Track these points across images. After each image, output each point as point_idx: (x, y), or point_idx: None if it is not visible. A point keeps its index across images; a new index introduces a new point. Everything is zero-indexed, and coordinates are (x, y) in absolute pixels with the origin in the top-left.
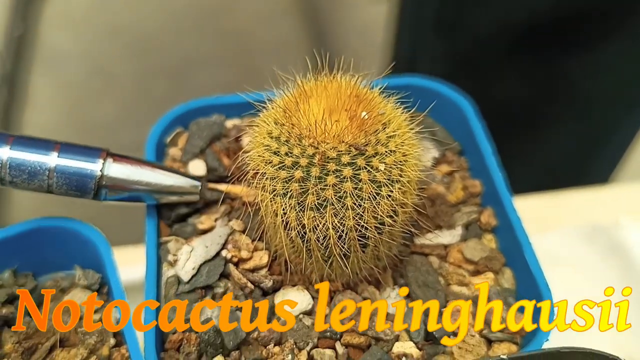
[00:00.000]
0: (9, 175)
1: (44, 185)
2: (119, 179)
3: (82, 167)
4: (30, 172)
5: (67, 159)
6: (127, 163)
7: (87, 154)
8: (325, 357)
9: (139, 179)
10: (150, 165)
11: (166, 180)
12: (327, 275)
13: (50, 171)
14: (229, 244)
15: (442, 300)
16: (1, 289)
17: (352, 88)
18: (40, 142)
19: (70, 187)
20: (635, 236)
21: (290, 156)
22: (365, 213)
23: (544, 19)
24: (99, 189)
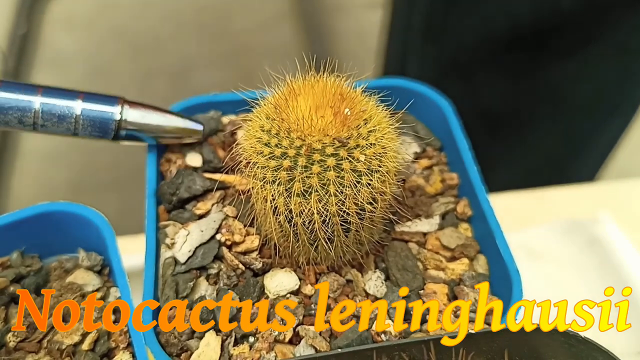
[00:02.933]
0: (41, 119)
1: (71, 128)
2: (134, 122)
3: (104, 110)
4: (60, 116)
5: (91, 104)
6: (141, 108)
7: (107, 101)
8: (309, 333)
9: (152, 121)
10: (160, 110)
11: (174, 122)
12: (313, 258)
13: (77, 115)
14: (222, 229)
15: (420, 283)
16: (10, 269)
17: (336, 87)
18: (66, 92)
19: (93, 129)
20: (613, 231)
21: (280, 147)
22: (347, 199)
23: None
24: (118, 131)
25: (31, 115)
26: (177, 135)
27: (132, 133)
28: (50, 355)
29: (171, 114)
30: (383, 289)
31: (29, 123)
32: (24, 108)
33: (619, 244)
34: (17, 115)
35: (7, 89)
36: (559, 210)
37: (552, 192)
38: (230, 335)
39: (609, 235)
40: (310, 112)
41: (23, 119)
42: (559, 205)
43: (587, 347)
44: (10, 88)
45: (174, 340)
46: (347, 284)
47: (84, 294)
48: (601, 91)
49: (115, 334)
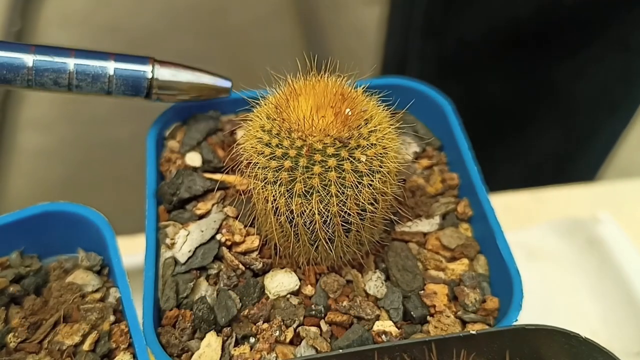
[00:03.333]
0: (75, 79)
1: (105, 87)
2: (165, 80)
3: (136, 69)
4: (94, 75)
5: (123, 64)
6: (171, 66)
7: (138, 61)
8: (310, 333)
9: (182, 79)
10: (189, 68)
11: (204, 79)
12: (314, 258)
13: (110, 75)
14: (223, 229)
15: (420, 283)
16: (9, 269)
17: (337, 87)
18: (98, 53)
19: (127, 88)
20: (613, 231)
21: (281, 147)
22: (348, 200)
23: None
24: (150, 89)
25: (66, 77)
26: (206, 93)
27: (164, 91)
28: (51, 355)
29: (200, 71)
30: (383, 289)
31: (64, 84)
32: (59, 69)
33: (619, 244)
34: (53, 76)
35: (41, 52)
36: (558, 210)
37: (552, 192)
38: (231, 335)
39: (609, 235)
40: (311, 112)
41: (58, 80)
42: (559, 205)
43: (587, 348)
44: (45, 51)
45: (174, 341)
46: (347, 284)
47: (84, 294)
48: (601, 90)
49: (116, 335)
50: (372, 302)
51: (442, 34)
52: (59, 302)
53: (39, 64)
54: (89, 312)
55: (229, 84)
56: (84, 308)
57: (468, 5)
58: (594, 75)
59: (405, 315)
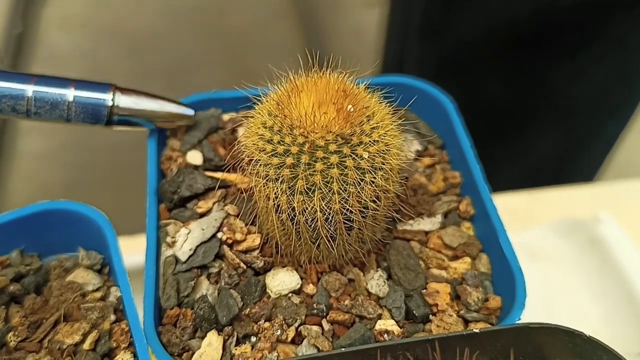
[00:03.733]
0: (34, 107)
1: (64, 114)
2: (127, 108)
3: (96, 97)
4: (52, 103)
5: (83, 91)
6: (133, 94)
7: (99, 88)
8: (312, 332)
9: (144, 107)
10: (151, 96)
11: (166, 107)
12: (315, 257)
13: (70, 102)
14: (224, 227)
15: (422, 282)
16: (9, 268)
17: (339, 84)
18: (58, 80)
19: (86, 116)
20: (614, 230)
21: (282, 144)
22: (350, 197)
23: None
24: (111, 117)
25: (24, 103)
26: (170, 120)
27: (125, 118)
28: (51, 355)
29: (163, 100)
30: (385, 288)
31: (22, 111)
32: (17, 96)
33: (620, 244)
34: (11, 103)
35: (0, 78)
36: (558, 210)
37: (552, 193)
38: (232, 335)
39: (610, 235)
40: (313, 108)
41: (16, 106)
42: (559, 205)
43: (591, 346)
44: (4, 77)
45: (175, 340)
46: (349, 283)
47: (84, 293)
48: (600, 91)
49: (117, 334)
50: (374, 301)
51: (441, 35)
52: (59, 301)
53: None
54: (90, 311)
55: (192, 112)
56: (84, 307)
57: (467, 6)
58: (593, 76)
59: (407, 314)
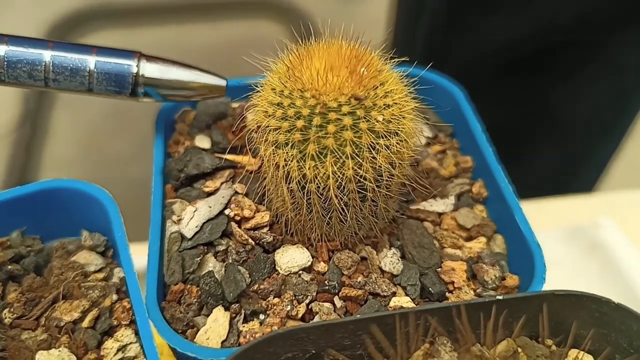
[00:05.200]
0: (52, 72)
1: (85, 82)
2: (153, 77)
3: (120, 63)
4: (72, 69)
5: (105, 57)
6: (160, 62)
7: (123, 55)
8: (323, 309)
9: (172, 76)
10: (180, 65)
11: (196, 77)
12: (326, 233)
13: (91, 68)
14: (231, 204)
15: (437, 260)
16: (9, 249)
17: (352, 50)
18: (78, 46)
19: (109, 83)
20: (613, 235)
21: (293, 107)
22: (365, 162)
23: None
24: (136, 86)
25: (41, 69)
26: (199, 92)
27: (151, 89)
28: (48, 332)
29: (193, 68)
30: (399, 266)
31: (39, 77)
32: (34, 61)
33: (621, 248)
34: (27, 69)
35: (15, 43)
36: (559, 219)
37: (552, 203)
38: (240, 313)
39: (610, 240)
40: (325, 70)
41: (33, 72)
42: (559, 214)
43: (620, 314)
44: (18, 42)
45: (179, 315)
46: (361, 261)
47: (86, 273)
48: (596, 111)
49: (118, 311)
50: (387, 279)
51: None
52: (59, 280)
53: (12, 54)
54: (90, 289)
55: (224, 82)
56: (85, 286)
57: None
58: (589, 96)
59: (422, 292)
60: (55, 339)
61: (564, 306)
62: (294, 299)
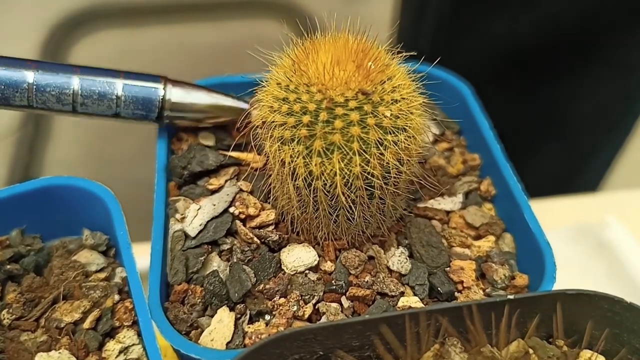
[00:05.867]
0: (80, 97)
1: (113, 105)
2: (179, 102)
3: (147, 86)
4: (100, 93)
5: (133, 81)
6: (186, 86)
7: (149, 79)
8: (331, 309)
9: (197, 100)
10: (203, 89)
11: (221, 100)
12: (333, 232)
13: (119, 91)
14: (236, 202)
15: (446, 259)
16: (8, 248)
17: (358, 44)
18: (105, 70)
19: (136, 107)
20: (620, 234)
21: (299, 102)
22: (372, 159)
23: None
24: (162, 110)
25: (70, 94)
26: (224, 116)
27: (176, 114)
28: (48, 333)
29: (217, 93)
30: (408, 265)
31: (67, 102)
32: (62, 85)
33: (628, 247)
34: (55, 92)
35: (42, 68)
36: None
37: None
38: (245, 313)
39: (617, 239)
40: (331, 64)
41: (61, 96)
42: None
43: (632, 314)
44: (46, 67)
45: (183, 316)
46: (368, 260)
47: (87, 272)
48: (599, 109)
49: (120, 312)
50: (395, 278)
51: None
52: (59, 280)
53: (40, 79)
54: (92, 290)
55: (247, 105)
56: (86, 286)
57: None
58: (592, 96)
59: (430, 292)
60: (55, 340)
61: (575, 306)
62: (300, 299)
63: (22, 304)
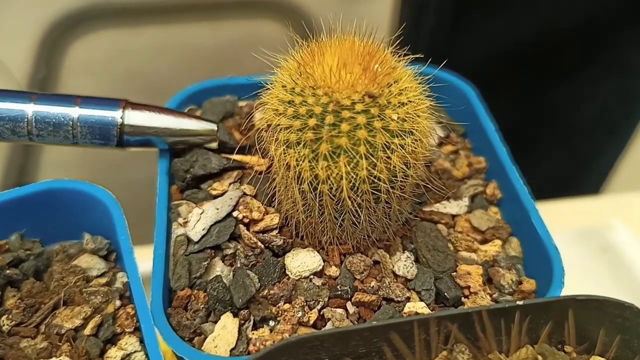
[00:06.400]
0: (35, 128)
1: (69, 136)
2: (139, 125)
3: (103, 115)
4: (55, 124)
5: (89, 109)
6: (145, 110)
7: (107, 104)
8: (336, 315)
9: (158, 124)
10: (167, 112)
11: (184, 124)
12: (338, 236)
13: (74, 121)
14: (240, 206)
15: (452, 264)
16: (8, 253)
17: (364, 46)
18: (62, 97)
19: (94, 136)
20: (625, 236)
21: (305, 105)
22: (379, 162)
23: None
24: (122, 136)
25: (24, 125)
26: (189, 138)
27: (138, 139)
28: (49, 340)
29: (180, 115)
30: (414, 270)
31: (23, 133)
32: (16, 118)
33: (633, 249)
34: (10, 125)
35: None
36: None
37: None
38: (249, 319)
39: (622, 241)
40: (338, 66)
41: (16, 129)
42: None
43: None
44: (1, 97)
45: (186, 322)
46: (374, 265)
47: (88, 278)
48: (601, 111)
49: (121, 318)
50: (401, 283)
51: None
52: (59, 285)
53: None
54: (93, 295)
55: (214, 126)
56: (87, 291)
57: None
58: (593, 98)
59: (437, 298)
60: (55, 347)
61: (584, 311)
62: (305, 304)
63: (22, 309)
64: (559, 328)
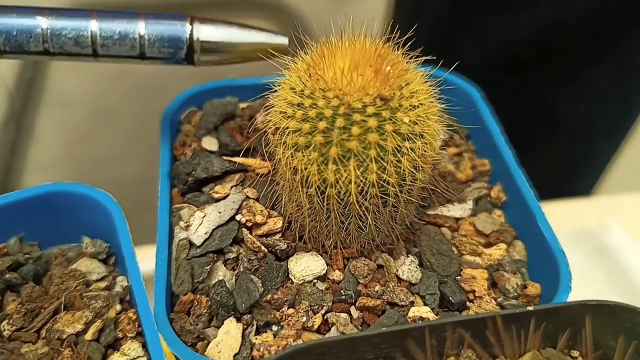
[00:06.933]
0: (99, 37)
1: (136, 45)
2: (209, 39)
3: (172, 23)
4: (121, 32)
5: (156, 20)
6: (214, 23)
7: (174, 17)
8: (340, 320)
9: (229, 38)
10: (236, 24)
11: (255, 37)
12: (342, 240)
13: (141, 30)
14: (243, 209)
15: (457, 268)
16: (7, 256)
17: (375, 48)
18: (124, 12)
19: (162, 45)
20: (620, 238)
21: (315, 108)
22: (389, 166)
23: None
24: (191, 49)
25: (88, 35)
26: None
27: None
28: (50, 345)
29: (250, 28)
30: (418, 274)
31: (86, 44)
32: (79, 28)
33: (628, 250)
34: (72, 35)
35: (57, 14)
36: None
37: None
38: (252, 324)
39: (617, 242)
40: (349, 69)
41: (79, 39)
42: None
43: None
44: (61, 12)
45: (189, 327)
46: (377, 269)
47: (88, 281)
48: (597, 112)
49: (123, 323)
50: (405, 287)
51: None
52: (59, 290)
53: (55, 23)
54: (93, 299)
55: (286, 40)
56: (87, 296)
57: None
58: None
59: (441, 302)
60: (57, 352)
61: (593, 317)
62: (309, 309)
63: (23, 314)
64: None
